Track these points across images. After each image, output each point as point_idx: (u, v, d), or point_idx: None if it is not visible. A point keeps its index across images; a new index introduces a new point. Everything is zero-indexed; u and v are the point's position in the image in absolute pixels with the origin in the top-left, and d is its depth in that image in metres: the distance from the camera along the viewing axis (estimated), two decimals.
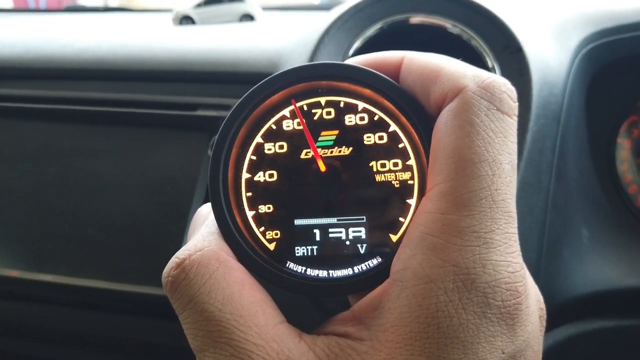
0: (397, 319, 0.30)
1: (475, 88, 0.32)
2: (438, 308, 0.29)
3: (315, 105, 0.38)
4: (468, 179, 0.31)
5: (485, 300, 0.30)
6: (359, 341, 0.31)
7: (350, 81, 0.37)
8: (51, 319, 0.90)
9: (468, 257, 0.30)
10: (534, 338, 0.32)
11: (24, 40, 1.11)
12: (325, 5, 2.17)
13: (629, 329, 0.85)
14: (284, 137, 0.38)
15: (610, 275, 0.84)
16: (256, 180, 0.38)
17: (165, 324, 0.86)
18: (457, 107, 0.32)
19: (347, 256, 0.36)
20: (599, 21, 0.91)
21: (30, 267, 0.89)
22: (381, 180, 0.37)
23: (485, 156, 0.31)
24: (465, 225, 0.30)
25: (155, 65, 0.97)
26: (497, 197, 0.31)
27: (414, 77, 0.35)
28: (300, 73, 0.38)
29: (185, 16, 1.28)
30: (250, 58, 0.93)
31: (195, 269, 0.33)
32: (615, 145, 0.97)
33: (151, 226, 0.88)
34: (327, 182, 0.37)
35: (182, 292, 0.33)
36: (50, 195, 0.93)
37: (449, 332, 0.29)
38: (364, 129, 0.37)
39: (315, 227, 0.37)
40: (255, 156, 0.38)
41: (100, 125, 0.96)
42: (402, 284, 0.31)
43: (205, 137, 0.88)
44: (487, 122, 0.32)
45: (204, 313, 0.32)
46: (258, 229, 0.37)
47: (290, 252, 0.37)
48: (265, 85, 0.38)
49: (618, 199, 0.95)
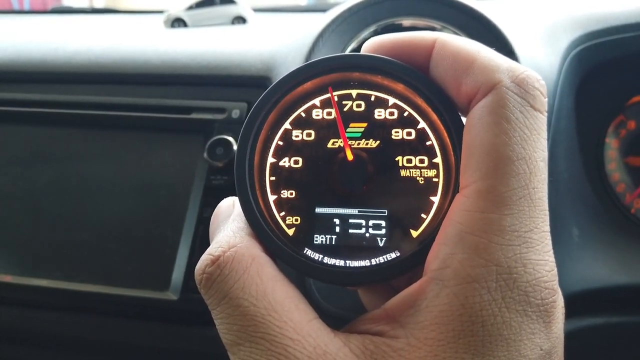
0: (438, 317, 0.30)
1: (509, 84, 0.32)
2: (482, 307, 0.30)
3: (346, 97, 0.38)
4: (507, 177, 0.31)
5: (526, 298, 0.30)
6: (394, 339, 0.31)
7: (383, 74, 0.37)
8: (46, 324, 0.89)
9: (510, 256, 0.30)
10: (562, 334, 0.33)
11: (14, 43, 1.10)
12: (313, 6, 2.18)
13: (619, 325, 0.87)
14: (313, 125, 0.38)
15: (600, 273, 0.86)
16: (281, 165, 0.38)
17: (160, 327, 0.86)
18: (492, 103, 0.32)
19: (365, 248, 0.36)
20: (587, 23, 0.92)
21: (24, 272, 0.89)
22: (406, 176, 0.37)
23: (522, 154, 0.31)
24: (506, 224, 0.30)
25: (149, 69, 0.96)
26: (534, 196, 0.31)
27: (446, 65, 0.35)
28: (336, 62, 0.38)
29: (177, 18, 1.27)
30: (244, 61, 0.93)
31: (230, 265, 0.33)
32: (604, 145, 0.99)
33: (146, 230, 0.88)
34: (352, 173, 0.37)
35: (216, 288, 0.33)
36: (44, 200, 0.92)
37: (493, 330, 0.30)
38: (392, 124, 0.38)
39: (336, 216, 0.37)
40: (283, 142, 0.38)
41: (93, 129, 0.96)
42: (443, 282, 0.31)
43: (200, 140, 0.88)
44: (523, 119, 0.32)
45: (239, 308, 0.32)
46: (279, 213, 0.37)
47: (309, 239, 0.37)
48: (298, 72, 0.38)
49: (607, 197, 0.96)
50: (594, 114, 0.98)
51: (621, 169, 0.98)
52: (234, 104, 0.89)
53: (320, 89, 0.39)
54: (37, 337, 0.92)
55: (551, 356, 0.31)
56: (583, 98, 0.96)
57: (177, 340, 0.84)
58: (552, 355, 0.31)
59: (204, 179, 0.85)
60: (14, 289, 0.88)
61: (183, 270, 0.82)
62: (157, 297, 0.82)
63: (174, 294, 0.81)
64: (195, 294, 0.80)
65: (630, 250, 0.90)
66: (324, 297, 0.75)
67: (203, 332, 0.82)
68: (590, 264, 0.87)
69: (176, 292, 0.81)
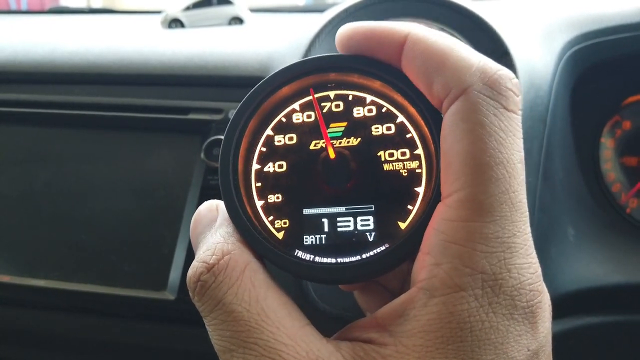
0: (426, 324, 0.31)
1: (481, 86, 0.32)
2: (470, 314, 0.30)
3: (324, 98, 0.39)
4: (487, 184, 0.31)
5: (512, 302, 0.31)
6: (383, 346, 0.32)
7: (359, 72, 0.38)
8: (44, 324, 0.90)
9: (494, 263, 0.31)
10: (550, 332, 0.34)
11: (12, 43, 1.10)
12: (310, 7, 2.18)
13: (615, 325, 0.87)
14: (294, 129, 0.39)
15: (596, 272, 0.86)
16: (266, 171, 0.39)
17: (158, 327, 0.86)
18: (465, 109, 0.32)
19: (355, 244, 0.37)
20: (583, 24, 0.93)
21: (22, 272, 0.89)
22: (389, 170, 0.37)
23: (500, 158, 0.31)
24: (488, 232, 0.31)
25: (146, 69, 0.96)
26: (515, 199, 0.32)
27: (417, 62, 0.34)
28: (311, 65, 0.38)
29: (175, 19, 1.27)
30: (242, 61, 0.94)
31: (224, 272, 0.33)
32: (599, 145, 0.99)
33: (143, 230, 0.88)
34: (336, 171, 0.38)
35: (210, 295, 0.33)
36: (42, 200, 0.92)
37: (481, 335, 0.30)
38: (372, 121, 0.38)
39: (324, 216, 0.37)
40: (266, 147, 0.39)
41: (90, 130, 0.96)
42: (430, 292, 0.31)
43: (198, 140, 0.88)
44: (497, 122, 0.32)
45: (232, 313, 0.32)
46: (267, 217, 0.38)
47: (298, 240, 0.37)
48: (274, 77, 0.38)
49: (602, 197, 0.97)
50: (589, 114, 0.99)
51: (617, 169, 0.98)
52: (231, 105, 0.89)
53: (298, 93, 0.39)
54: (34, 337, 0.92)
55: (538, 356, 0.32)
56: (579, 98, 0.97)
57: (174, 340, 0.85)
58: (539, 354, 0.32)
59: (201, 179, 0.86)
60: (11, 289, 0.88)
61: (180, 270, 0.82)
62: (154, 297, 0.83)
63: (171, 293, 0.82)
64: None
65: (625, 249, 0.91)
66: (320, 296, 0.76)
67: (200, 331, 0.82)
68: (585, 263, 0.87)
69: (173, 292, 0.82)
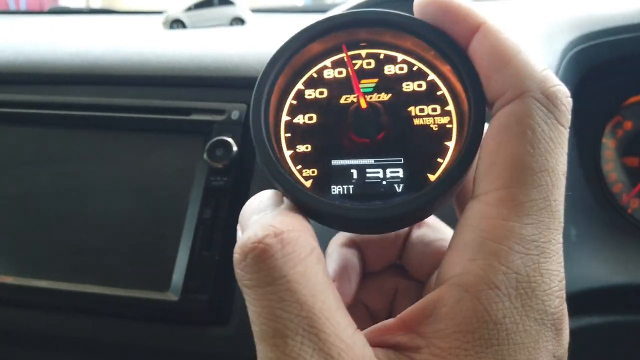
0: (462, 324, 0.30)
1: (538, 95, 0.32)
2: (505, 314, 0.30)
3: (356, 57, 0.39)
4: (529, 188, 0.31)
5: (543, 307, 0.31)
6: (416, 351, 0.31)
7: (391, 28, 0.38)
8: (45, 325, 0.89)
9: (529, 265, 0.30)
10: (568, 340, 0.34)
11: (11, 44, 1.09)
12: (311, 7, 2.18)
13: (617, 325, 0.88)
14: (325, 84, 0.39)
15: (598, 273, 0.86)
16: (295, 122, 0.39)
17: (160, 328, 0.86)
18: (520, 112, 0.32)
19: (383, 194, 0.36)
20: (585, 25, 0.93)
21: (24, 273, 0.88)
22: (419, 124, 0.37)
23: (545, 165, 0.31)
24: (526, 234, 0.30)
25: (148, 70, 0.96)
26: (554, 208, 0.31)
27: (482, 54, 0.34)
28: (343, 18, 0.39)
29: (176, 20, 1.27)
30: (243, 62, 0.94)
31: (294, 246, 0.30)
32: (601, 145, 0.99)
33: (146, 231, 0.88)
34: (366, 122, 0.38)
35: (271, 264, 0.30)
36: (44, 201, 0.92)
37: (517, 338, 0.30)
38: (403, 78, 0.39)
39: (353, 167, 0.37)
40: (296, 100, 0.39)
41: (92, 131, 0.96)
42: (464, 288, 0.30)
43: (200, 141, 0.88)
44: (548, 131, 0.32)
45: (296, 294, 0.29)
46: (295, 166, 0.38)
47: (326, 190, 0.37)
48: (304, 31, 0.39)
49: (604, 198, 0.97)
50: (591, 115, 0.99)
51: (618, 169, 0.98)
52: (233, 105, 0.89)
53: (330, 51, 0.39)
54: (36, 338, 0.92)
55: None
56: (580, 99, 0.96)
57: (177, 340, 0.85)
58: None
59: (204, 180, 0.86)
60: (14, 289, 0.88)
61: (183, 271, 0.82)
62: (157, 298, 0.82)
63: (174, 294, 0.82)
64: (195, 295, 0.81)
65: (627, 250, 0.91)
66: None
67: (203, 332, 0.83)
68: (587, 263, 0.87)
69: (176, 293, 0.81)
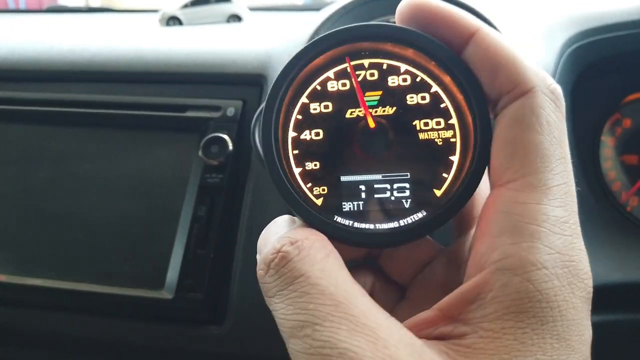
0: (511, 305, 0.30)
1: (545, 90, 0.34)
2: (555, 292, 0.31)
3: (359, 67, 0.39)
4: (554, 173, 0.33)
5: (584, 285, 0.32)
6: (462, 337, 0.31)
7: (393, 41, 0.38)
8: (40, 324, 0.89)
9: (567, 245, 0.32)
10: None
11: (8, 41, 1.09)
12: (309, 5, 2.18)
13: (615, 323, 0.87)
14: (329, 97, 0.39)
15: (597, 271, 0.85)
16: (302, 139, 0.39)
17: (155, 326, 0.85)
18: (534, 104, 0.34)
19: (392, 210, 0.38)
20: (583, 22, 0.92)
21: (19, 271, 0.88)
22: (424, 139, 0.38)
23: (562, 153, 0.33)
24: (560, 216, 0.32)
25: (144, 67, 0.96)
26: (573, 192, 0.33)
27: (483, 55, 0.36)
28: (346, 34, 0.39)
29: (172, 17, 1.27)
30: (240, 59, 0.93)
31: (309, 251, 0.33)
32: (600, 143, 0.99)
33: (141, 229, 0.88)
34: (374, 140, 0.38)
35: (291, 267, 0.32)
36: (39, 199, 0.92)
37: (568, 315, 0.31)
38: (406, 90, 0.39)
39: (361, 183, 0.38)
40: (301, 115, 0.39)
41: (88, 128, 0.95)
42: (511, 271, 0.31)
43: (196, 138, 0.88)
44: (558, 122, 0.34)
45: (317, 286, 0.31)
46: (305, 185, 0.38)
47: (337, 207, 0.38)
48: (313, 45, 0.39)
49: (603, 196, 0.97)
50: (589, 112, 0.98)
51: (617, 167, 0.98)
52: (229, 102, 0.89)
53: (333, 61, 0.39)
54: (30, 337, 0.92)
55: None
56: (579, 96, 0.96)
57: (171, 339, 0.84)
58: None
59: (199, 177, 0.85)
60: (8, 288, 0.88)
61: (178, 269, 0.82)
62: (151, 296, 0.82)
63: (168, 292, 0.81)
64: (190, 293, 0.80)
65: (626, 248, 0.91)
66: None
67: (197, 331, 0.82)
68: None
69: (171, 291, 0.81)
